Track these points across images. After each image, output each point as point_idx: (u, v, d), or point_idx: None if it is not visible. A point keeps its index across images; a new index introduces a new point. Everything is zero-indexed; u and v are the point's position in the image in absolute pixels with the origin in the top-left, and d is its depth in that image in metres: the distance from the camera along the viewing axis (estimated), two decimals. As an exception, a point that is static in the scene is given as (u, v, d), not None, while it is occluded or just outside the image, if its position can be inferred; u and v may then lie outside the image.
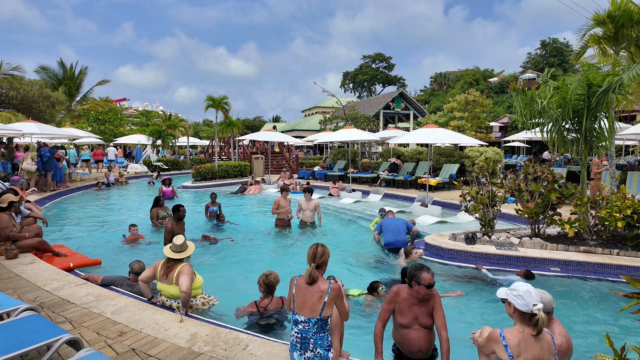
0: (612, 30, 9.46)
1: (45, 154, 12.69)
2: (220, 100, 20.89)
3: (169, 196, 12.68)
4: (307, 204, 9.08)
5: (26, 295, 4.27)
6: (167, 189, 12.75)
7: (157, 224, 8.97)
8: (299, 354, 2.89)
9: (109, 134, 29.65)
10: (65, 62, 29.66)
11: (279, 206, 8.78)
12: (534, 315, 2.44)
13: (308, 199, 9.08)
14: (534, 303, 2.44)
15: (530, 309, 2.45)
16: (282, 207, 8.77)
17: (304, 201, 9.10)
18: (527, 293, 2.47)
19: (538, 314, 2.42)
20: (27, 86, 20.08)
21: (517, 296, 2.49)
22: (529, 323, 2.48)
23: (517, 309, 2.51)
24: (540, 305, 2.45)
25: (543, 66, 49.98)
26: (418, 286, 3.17)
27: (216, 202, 10.04)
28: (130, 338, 3.39)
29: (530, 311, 2.45)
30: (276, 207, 8.78)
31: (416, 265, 3.28)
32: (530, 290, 2.48)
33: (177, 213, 6.72)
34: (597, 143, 6.69)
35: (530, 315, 2.46)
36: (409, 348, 3.28)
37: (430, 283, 3.15)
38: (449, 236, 7.03)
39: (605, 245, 6.24)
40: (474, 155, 15.66)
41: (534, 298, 2.46)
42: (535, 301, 2.45)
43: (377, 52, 68.29)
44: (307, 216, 9.06)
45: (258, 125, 66.99)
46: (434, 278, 3.20)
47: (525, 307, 2.46)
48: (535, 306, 2.43)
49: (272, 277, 4.35)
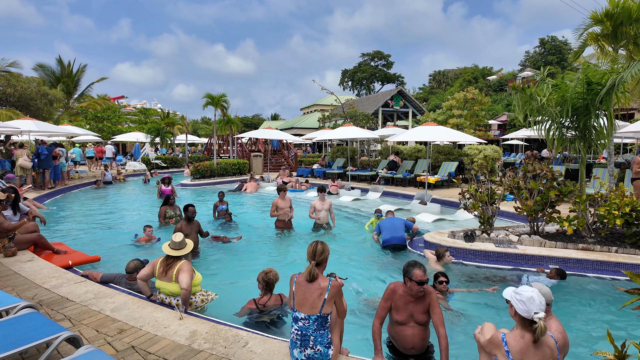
0: (609, 28, 9.47)
1: (42, 152, 12.65)
2: (219, 98, 20.85)
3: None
4: (321, 204, 8.52)
5: (25, 293, 4.25)
6: (167, 188, 12.08)
7: (165, 223, 8.68)
8: (299, 351, 2.89)
9: (107, 131, 29.56)
10: (63, 59, 29.49)
11: (277, 208, 8.28)
12: (534, 322, 2.43)
13: (322, 199, 8.56)
14: (535, 311, 2.42)
15: (531, 316, 2.44)
16: (280, 208, 8.26)
17: (318, 201, 8.56)
18: (531, 300, 2.44)
19: (538, 323, 2.41)
20: (24, 83, 19.96)
21: (520, 301, 2.47)
22: (529, 329, 2.47)
23: (517, 312, 2.50)
24: (541, 314, 2.42)
25: (542, 64, 50.04)
26: (410, 282, 3.19)
27: (224, 201, 9.78)
28: (129, 335, 3.38)
29: (531, 318, 2.44)
30: (274, 209, 8.28)
31: (410, 262, 3.31)
32: (534, 298, 2.45)
33: (186, 213, 6.58)
34: (596, 141, 6.71)
35: (531, 321, 2.46)
36: (402, 344, 3.31)
37: (421, 280, 3.17)
38: (448, 234, 7.04)
39: (604, 242, 6.25)
40: (472, 153, 15.67)
41: (536, 306, 2.43)
42: (537, 309, 2.42)
43: (375, 50, 68.25)
44: (323, 217, 8.51)
45: (257, 123, 66.90)
46: (426, 275, 3.21)
47: (526, 314, 2.44)
48: (537, 314, 2.41)
49: (272, 274, 4.36)
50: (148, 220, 9.18)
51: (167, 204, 8.88)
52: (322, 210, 8.48)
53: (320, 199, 8.57)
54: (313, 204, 8.58)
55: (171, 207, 8.88)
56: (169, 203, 8.89)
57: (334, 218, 8.64)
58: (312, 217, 8.47)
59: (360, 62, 68.48)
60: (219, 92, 21.22)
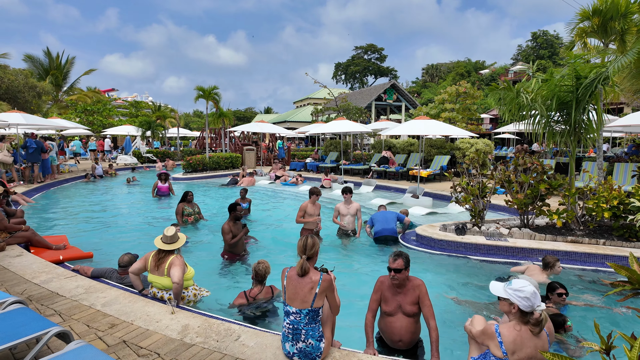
0: (598, 23, 9.55)
1: (31, 145, 12.44)
2: (211, 91, 20.66)
3: (165, 193, 11.58)
4: (347, 207, 7.23)
5: (14, 288, 4.21)
6: (164, 185, 11.56)
7: (182, 221, 7.92)
8: (290, 345, 2.91)
9: (98, 125, 29.18)
10: (51, 51, 28.98)
11: (305, 213, 6.80)
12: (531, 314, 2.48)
13: (348, 202, 7.26)
14: (538, 304, 2.47)
15: (534, 309, 2.48)
16: (309, 214, 6.82)
17: (343, 204, 7.30)
18: (534, 295, 2.48)
19: (542, 314, 2.46)
20: (11, 75, 19.59)
21: (524, 298, 2.49)
22: (526, 320, 2.51)
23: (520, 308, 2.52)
24: (543, 306, 2.48)
25: (533, 58, 50.28)
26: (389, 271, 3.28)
27: (246, 198, 9.06)
28: (121, 330, 3.37)
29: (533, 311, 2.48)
30: (302, 214, 6.79)
31: (394, 252, 3.37)
32: (536, 292, 2.50)
33: (233, 212, 6.02)
34: (586, 135, 6.78)
35: (528, 313, 2.49)
36: (390, 337, 3.36)
37: (392, 267, 3.26)
38: (440, 227, 7.09)
39: (592, 235, 6.35)
40: (464, 147, 15.77)
41: (538, 299, 2.49)
42: (539, 302, 2.48)
43: (369, 43, 68.12)
44: (348, 223, 7.27)
45: (249, 117, 66.55)
46: (400, 263, 3.26)
47: (530, 308, 2.48)
48: (540, 307, 2.46)
49: (261, 266, 4.33)
50: (140, 214, 9.11)
51: (185, 200, 8.15)
52: (348, 215, 7.27)
53: (346, 201, 7.28)
54: (337, 207, 7.35)
55: (189, 204, 8.18)
56: (187, 200, 8.15)
57: (360, 225, 7.29)
58: (336, 223, 7.31)
59: (353, 56, 68.33)
60: (211, 85, 21.05)
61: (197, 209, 8.36)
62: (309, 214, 6.81)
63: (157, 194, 11.58)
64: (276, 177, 16.13)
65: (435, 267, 5.90)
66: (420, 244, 6.74)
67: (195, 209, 8.29)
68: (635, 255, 2.39)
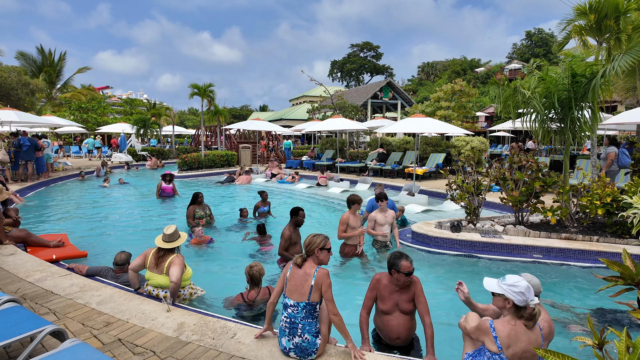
0: (593, 21, 9.57)
1: (24, 143, 12.34)
2: (206, 88, 20.56)
3: (169, 194, 11.12)
4: (384, 216, 6.33)
5: (8, 287, 4.18)
6: (167, 185, 11.07)
7: (194, 224, 7.58)
8: (287, 340, 2.92)
9: (92, 122, 28.97)
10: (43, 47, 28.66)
11: (347, 226, 5.97)
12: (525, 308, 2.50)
13: (384, 210, 6.34)
14: (531, 299, 2.49)
15: (528, 304, 2.50)
16: (352, 227, 5.97)
17: (379, 213, 6.35)
18: (528, 289, 2.51)
19: (536, 308, 2.48)
20: (4, 72, 19.36)
21: (519, 293, 2.51)
22: (520, 315, 2.53)
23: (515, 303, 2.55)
24: (537, 300, 2.51)
25: (528, 57, 50.52)
26: (398, 274, 3.26)
27: (267, 202, 8.69)
28: (116, 328, 3.36)
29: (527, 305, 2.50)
30: (344, 228, 5.95)
31: (395, 254, 3.37)
32: (530, 287, 2.52)
33: (295, 217, 5.61)
34: (581, 132, 6.83)
35: (522, 308, 2.52)
36: (387, 334, 3.37)
37: (409, 271, 3.26)
38: (435, 224, 7.13)
39: (586, 232, 6.41)
40: (460, 144, 15.82)
41: (532, 293, 2.51)
42: (533, 297, 2.50)
43: (365, 41, 68.03)
44: (385, 232, 6.34)
45: (245, 115, 66.28)
46: (412, 265, 3.29)
47: (524, 303, 2.50)
48: (533, 301, 2.49)
49: (255, 269, 4.31)
50: (138, 212, 9.04)
51: (196, 202, 7.82)
52: (385, 224, 6.34)
53: (382, 209, 6.35)
54: (372, 216, 6.38)
55: (200, 206, 7.87)
56: (198, 202, 7.83)
57: (397, 234, 6.47)
58: (371, 234, 6.35)
59: (349, 53, 68.20)
60: (206, 82, 20.95)
61: (208, 210, 8.07)
62: (351, 227, 5.97)
63: (161, 195, 11.07)
64: (272, 175, 16.11)
65: (430, 264, 5.93)
66: (416, 241, 6.77)
67: (206, 211, 8.00)
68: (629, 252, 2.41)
